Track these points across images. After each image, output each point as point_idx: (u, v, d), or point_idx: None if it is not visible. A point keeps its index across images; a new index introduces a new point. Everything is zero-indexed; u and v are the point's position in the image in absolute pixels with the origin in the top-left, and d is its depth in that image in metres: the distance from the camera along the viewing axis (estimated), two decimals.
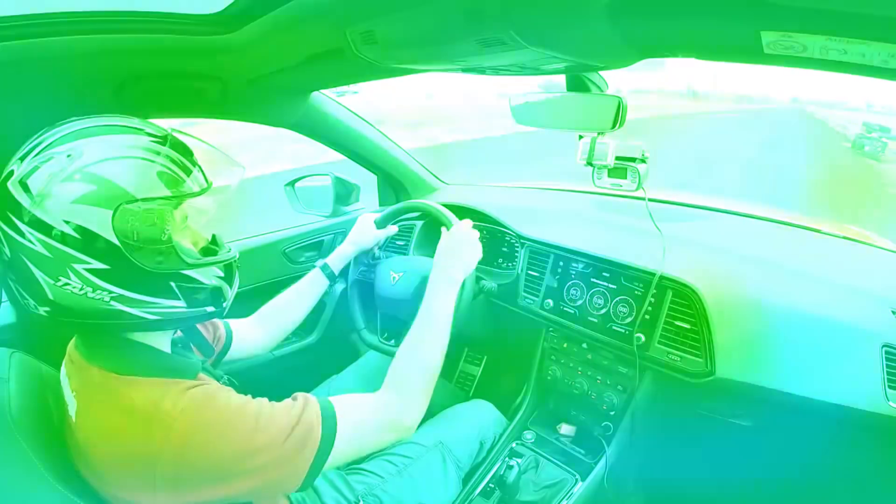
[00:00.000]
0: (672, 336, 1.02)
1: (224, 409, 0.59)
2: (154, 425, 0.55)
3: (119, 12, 0.73)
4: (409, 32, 0.66)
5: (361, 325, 1.27)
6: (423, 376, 0.79)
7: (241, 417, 0.59)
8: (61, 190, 0.53)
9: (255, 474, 0.58)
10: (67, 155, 0.54)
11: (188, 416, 0.56)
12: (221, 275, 0.66)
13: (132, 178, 0.55)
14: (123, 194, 0.54)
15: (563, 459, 1.15)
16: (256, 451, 0.58)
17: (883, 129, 14.42)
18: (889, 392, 0.86)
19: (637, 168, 1.04)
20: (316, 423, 0.63)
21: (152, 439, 0.55)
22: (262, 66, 0.94)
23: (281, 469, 0.61)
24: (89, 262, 0.54)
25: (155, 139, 0.59)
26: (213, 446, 0.57)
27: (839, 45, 0.51)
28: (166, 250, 0.58)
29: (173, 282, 0.60)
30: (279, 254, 1.55)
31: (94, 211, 0.53)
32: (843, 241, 1.23)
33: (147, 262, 0.57)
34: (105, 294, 0.56)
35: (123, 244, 0.55)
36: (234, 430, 0.58)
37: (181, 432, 0.55)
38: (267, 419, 0.60)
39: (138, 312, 0.59)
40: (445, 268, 0.95)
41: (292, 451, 0.61)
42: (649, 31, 0.65)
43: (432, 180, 1.78)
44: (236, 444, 0.58)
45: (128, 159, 0.56)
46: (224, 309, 0.69)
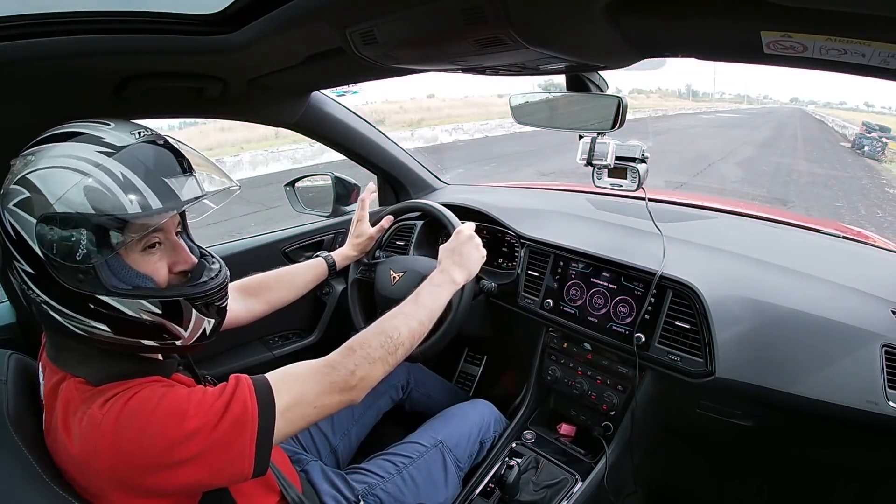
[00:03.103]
0: (672, 336, 1.02)
1: (146, 401, 0.56)
2: (91, 428, 0.54)
3: (119, 12, 0.73)
4: (409, 32, 0.66)
5: (361, 325, 1.27)
6: (383, 345, 0.74)
7: (168, 407, 0.56)
8: (10, 191, 0.55)
9: (195, 462, 0.55)
10: (29, 157, 0.55)
11: (111, 415, 0.54)
12: (156, 311, 0.59)
13: (57, 190, 0.53)
14: (45, 206, 0.53)
15: (563, 459, 1.15)
16: (187, 437, 0.55)
17: (883, 129, 14.43)
18: (889, 392, 0.86)
19: (637, 168, 1.04)
20: (250, 401, 0.59)
21: (87, 444, 0.54)
22: (262, 66, 0.94)
23: (222, 452, 0.57)
24: (22, 263, 0.55)
25: (106, 150, 0.55)
26: (140, 439, 0.54)
27: (839, 45, 0.50)
28: (86, 270, 0.55)
29: (92, 304, 0.56)
30: (279, 254, 1.55)
31: (24, 217, 0.54)
32: (843, 241, 1.23)
33: (66, 279, 0.55)
34: (37, 297, 0.57)
35: (44, 255, 0.54)
36: (161, 421, 0.55)
37: (108, 432, 0.53)
38: (195, 404, 0.57)
39: (66, 323, 0.57)
40: (447, 269, 0.95)
41: (229, 432, 0.57)
42: (649, 30, 0.65)
43: (432, 180, 1.78)
44: (165, 435, 0.54)
45: (61, 170, 0.54)
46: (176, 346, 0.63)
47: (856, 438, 0.96)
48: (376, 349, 0.73)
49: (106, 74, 0.83)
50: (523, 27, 0.57)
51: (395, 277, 1.19)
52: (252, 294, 1.02)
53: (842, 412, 0.87)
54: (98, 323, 0.57)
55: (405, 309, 0.83)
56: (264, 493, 0.74)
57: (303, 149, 11.72)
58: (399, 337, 0.77)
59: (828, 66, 0.57)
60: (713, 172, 9.46)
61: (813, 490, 1.20)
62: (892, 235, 1.27)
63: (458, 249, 0.98)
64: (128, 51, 0.76)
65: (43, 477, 0.56)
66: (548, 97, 1.02)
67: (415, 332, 0.81)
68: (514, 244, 1.36)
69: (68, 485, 0.58)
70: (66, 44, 0.71)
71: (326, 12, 0.67)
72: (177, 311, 0.61)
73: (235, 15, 0.75)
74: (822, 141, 16.17)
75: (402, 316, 0.81)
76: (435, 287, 0.91)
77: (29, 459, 0.57)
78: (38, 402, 0.66)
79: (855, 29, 0.47)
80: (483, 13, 0.56)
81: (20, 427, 0.60)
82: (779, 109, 38.99)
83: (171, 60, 0.84)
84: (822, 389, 0.89)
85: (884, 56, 0.50)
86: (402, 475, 0.99)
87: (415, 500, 0.98)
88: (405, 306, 0.84)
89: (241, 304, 0.99)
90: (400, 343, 0.77)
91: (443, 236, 1.50)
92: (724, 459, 1.30)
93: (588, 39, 0.66)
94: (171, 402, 0.56)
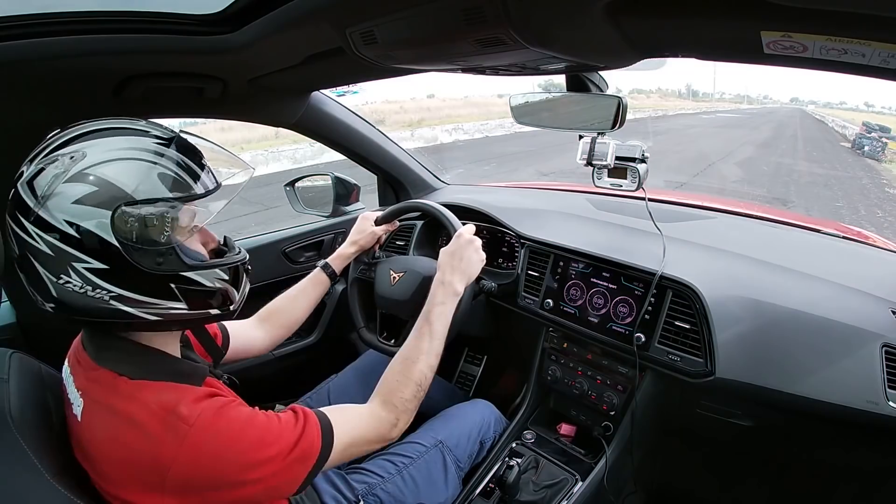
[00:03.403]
0: (672, 336, 1.02)
1: (236, 420, 0.61)
2: (169, 431, 0.56)
3: (119, 12, 0.73)
4: (409, 32, 0.66)
5: (361, 324, 1.27)
6: (414, 393, 0.82)
7: (251, 430, 0.61)
8: (63, 190, 0.54)
9: (258, 483, 0.60)
10: (70, 157, 0.55)
11: (203, 424, 0.58)
12: (226, 278, 0.66)
13: (132, 180, 0.56)
14: (123, 196, 0.55)
15: (563, 459, 1.15)
16: (262, 462, 0.60)
17: (883, 129, 14.44)
18: (889, 392, 0.86)
19: (637, 168, 1.04)
20: (316, 439, 0.66)
21: (166, 445, 0.56)
22: (262, 66, 0.94)
23: (281, 479, 0.63)
24: (89, 261, 0.55)
25: (159, 141, 0.59)
26: (224, 455, 0.58)
27: (839, 45, 0.51)
28: (166, 252, 0.59)
29: (173, 283, 0.60)
30: (279, 254, 1.55)
31: (93, 211, 0.54)
32: (843, 241, 1.23)
33: (146, 264, 0.57)
34: (104, 293, 0.57)
35: (122, 245, 0.55)
36: (244, 442, 0.60)
37: (196, 440, 0.57)
38: (275, 434, 0.63)
39: (138, 312, 0.59)
40: (447, 278, 0.95)
41: (294, 463, 0.63)
42: (649, 30, 0.65)
43: (432, 180, 1.78)
44: (245, 456, 0.60)
45: (129, 161, 0.56)
46: (231, 311, 0.69)
47: (856, 438, 0.96)
48: (411, 400, 0.81)
49: (106, 74, 0.83)
50: (523, 27, 0.57)
51: (395, 277, 1.19)
52: (267, 320, 1.05)
53: (842, 412, 0.87)
54: (174, 302, 0.61)
55: (423, 346, 0.87)
56: None
57: (303, 149, 11.72)
58: (426, 381, 0.84)
59: (828, 66, 0.57)
60: (713, 172, 9.46)
61: (813, 490, 1.20)
62: (892, 235, 1.27)
63: (458, 253, 0.98)
64: (128, 51, 0.76)
65: (45, 475, 0.56)
66: (548, 97, 1.02)
67: (434, 367, 0.87)
68: (514, 244, 1.36)
69: (71, 482, 0.58)
70: (66, 44, 0.71)
71: (326, 12, 0.67)
72: (236, 276, 0.68)
73: (235, 15, 0.75)
74: (822, 141, 16.17)
75: (423, 357, 0.86)
76: (441, 306, 0.92)
77: (31, 457, 0.57)
78: (42, 400, 0.66)
79: (855, 29, 0.47)
80: (483, 13, 0.56)
81: (22, 425, 0.60)
82: (779, 109, 39.00)
83: (171, 60, 0.84)
84: (822, 389, 0.89)
85: (884, 56, 0.50)
86: (402, 475, 0.99)
87: (415, 499, 0.98)
88: (422, 342, 0.87)
89: (261, 333, 1.03)
90: (427, 387, 0.85)
91: (443, 236, 1.50)
92: (724, 459, 1.30)
93: (588, 39, 0.66)
94: (258, 426, 0.62)
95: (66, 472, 0.60)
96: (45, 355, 0.74)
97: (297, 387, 1.31)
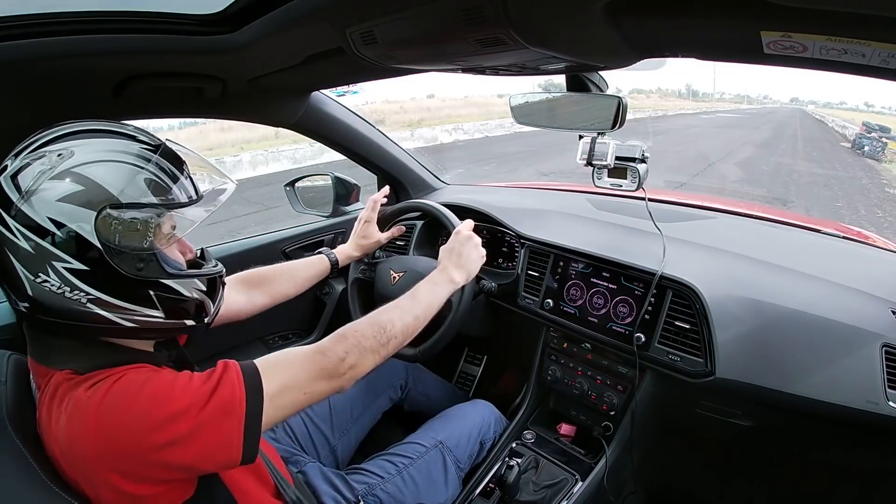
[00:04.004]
0: (672, 336, 1.02)
1: (133, 382, 0.56)
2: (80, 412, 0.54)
3: (119, 12, 0.73)
4: (409, 32, 0.66)
5: None
6: (375, 336, 0.74)
7: (149, 387, 0.56)
8: (49, 187, 0.53)
9: (180, 444, 0.55)
10: (59, 154, 0.55)
11: (95, 399, 0.54)
12: (203, 289, 0.65)
13: (119, 183, 0.55)
14: (108, 197, 0.55)
15: (563, 459, 1.15)
16: (172, 418, 0.55)
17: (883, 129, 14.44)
18: (889, 392, 0.86)
19: (637, 168, 1.04)
20: (238, 385, 0.59)
21: (82, 427, 0.54)
22: (262, 66, 0.94)
23: (209, 436, 0.56)
24: (69, 261, 0.54)
25: (147, 147, 0.59)
26: (125, 420, 0.54)
27: (839, 45, 0.51)
28: (147, 258, 0.58)
29: (152, 290, 0.60)
30: (279, 254, 1.55)
31: (78, 211, 0.54)
32: (843, 241, 1.23)
33: (127, 268, 0.57)
34: (82, 295, 0.56)
35: (104, 247, 0.55)
36: (146, 403, 0.55)
37: (92, 415, 0.54)
38: (180, 387, 0.57)
39: (114, 317, 0.58)
40: (446, 269, 0.95)
41: (216, 416, 0.57)
42: (649, 30, 0.65)
43: (432, 180, 1.78)
44: (149, 416, 0.54)
45: (117, 163, 0.56)
46: (206, 324, 0.68)
47: (856, 438, 0.96)
48: (368, 339, 0.74)
49: (106, 74, 0.83)
50: (523, 27, 0.57)
51: (395, 277, 1.19)
52: (254, 286, 1.02)
53: (842, 412, 0.87)
54: (151, 310, 0.60)
55: (401, 303, 0.84)
56: (260, 489, 0.74)
57: (303, 149, 11.72)
58: (392, 329, 0.77)
59: (828, 66, 0.57)
60: (713, 172, 9.45)
61: (813, 490, 1.19)
62: (892, 235, 1.27)
63: (457, 250, 0.98)
64: (128, 51, 0.76)
65: (42, 476, 0.56)
66: (548, 97, 1.02)
67: (409, 327, 0.81)
68: (514, 244, 1.36)
69: (66, 483, 0.58)
70: (66, 44, 0.71)
71: (326, 12, 0.67)
72: (213, 287, 0.68)
73: (235, 15, 0.75)
74: (822, 141, 16.17)
75: (396, 310, 0.82)
76: (433, 284, 0.91)
77: (28, 459, 0.57)
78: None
79: (855, 29, 0.47)
80: (483, 13, 0.56)
81: (19, 427, 0.60)
82: (779, 109, 39.00)
83: (170, 60, 0.84)
84: (822, 389, 0.89)
85: (884, 56, 0.50)
86: (402, 475, 0.99)
87: (415, 500, 0.98)
88: (401, 301, 0.85)
89: (244, 297, 0.99)
90: (393, 335, 0.77)
91: (443, 236, 1.50)
92: (724, 459, 1.30)
93: (588, 39, 0.66)
94: (157, 384, 0.56)
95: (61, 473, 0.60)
96: None
97: None
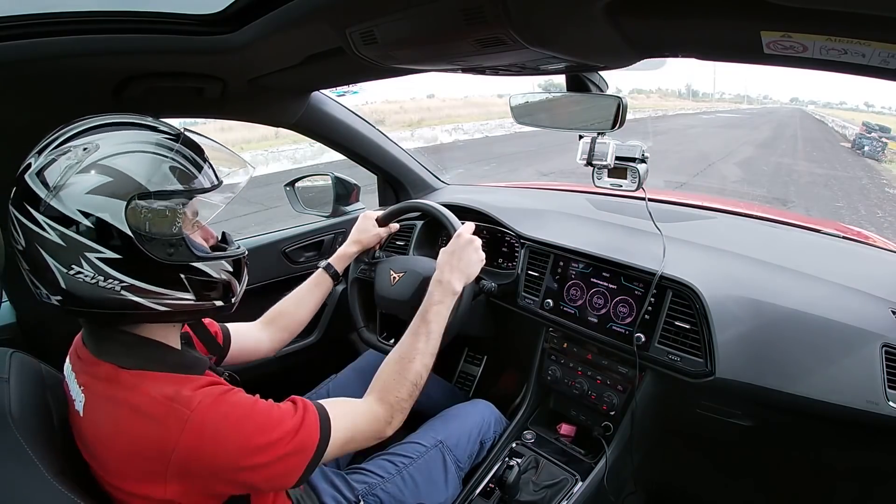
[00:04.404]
0: (672, 336, 1.02)
1: (236, 406, 0.62)
2: (170, 418, 0.57)
3: (119, 12, 0.73)
4: (409, 32, 0.66)
5: (361, 324, 1.27)
6: (410, 393, 0.81)
7: (252, 415, 0.62)
8: (77, 181, 0.55)
9: (258, 470, 0.61)
10: (84, 148, 0.56)
11: (203, 410, 0.58)
12: (230, 270, 0.68)
13: (146, 172, 0.57)
14: (137, 186, 0.56)
15: (563, 459, 1.15)
16: (263, 448, 0.61)
17: (883, 129, 14.45)
18: (889, 392, 0.86)
19: (637, 168, 1.04)
20: (315, 430, 0.66)
21: (168, 431, 0.57)
22: (262, 66, 0.94)
23: (281, 468, 0.63)
24: (102, 251, 0.56)
25: (168, 136, 0.61)
26: (225, 440, 0.59)
27: (839, 45, 0.51)
28: (177, 242, 0.60)
29: (183, 274, 0.62)
30: (279, 254, 1.55)
31: (108, 202, 0.55)
32: (843, 241, 1.23)
33: (158, 254, 0.59)
34: (116, 283, 0.57)
35: (136, 235, 0.57)
36: (246, 427, 0.61)
37: (196, 425, 0.57)
38: (275, 421, 0.63)
39: (147, 303, 0.60)
40: (445, 277, 0.95)
41: (294, 452, 0.64)
42: (649, 30, 0.65)
43: (432, 180, 1.78)
44: (247, 440, 0.60)
45: (142, 153, 0.58)
46: (233, 304, 0.71)
47: (856, 438, 0.96)
48: (407, 399, 0.81)
49: (106, 74, 0.83)
50: (523, 27, 0.57)
51: (395, 278, 1.19)
52: (272, 323, 1.06)
53: (842, 412, 0.87)
54: (182, 293, 0.62)
55: (419, 345, 0.86)
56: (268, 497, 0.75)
57: (303, 149, 11.72)
58: (421, 381, 0.84)
59: (828, 66, 0.57)
60: (713, 172, 9.45)
61: (813, 490, 1.19)
62: (892, 235, 1.27)
63: (457, 253, 0.98)
64: (128, 51, 0.76)
65: (45, 474, 0.56)
66: (548, 97, 1.02)
67: (429, 366, 0.87)
68: (514, 244, 1.36)
69: (71, 481, 0.58)
70: (66, 44, 0.71)
71: (326, 12, 0.67)
72: (238, 268, 0.71)
73: (235, 15, 0.75)
74: (821, 141, 16.17)
75: (419, 356, 0.85)
76: (439, 305, 0.91)
77: (31, 457, 0.57)
78: (42, 399, 0.66)
79: (855, 29, 0.47)
80: (483, 13, 0.56)
81: (22, 424, 0.60)
82: (779, 109, 39.00)
83: (171, 60, 0.84)
84: (822, 389, 0.89)
85: (884, 56, 0.50)
86: (402, 475, 0.99)
87: (415, 500, 0.98)
88: (418, 341, 0.86)
89: (265, 335, 1.03)
90: (422, 385, 0.84)
91: (443, 236, 1.50)
92: (724, 459, 1.30)
93: (588, 39, 0.66)
94: (259, 412, 0.63)
95: (66, 471, 0.60)
96: (45, 355, 0.74)
97: (297, 387, 1.30)
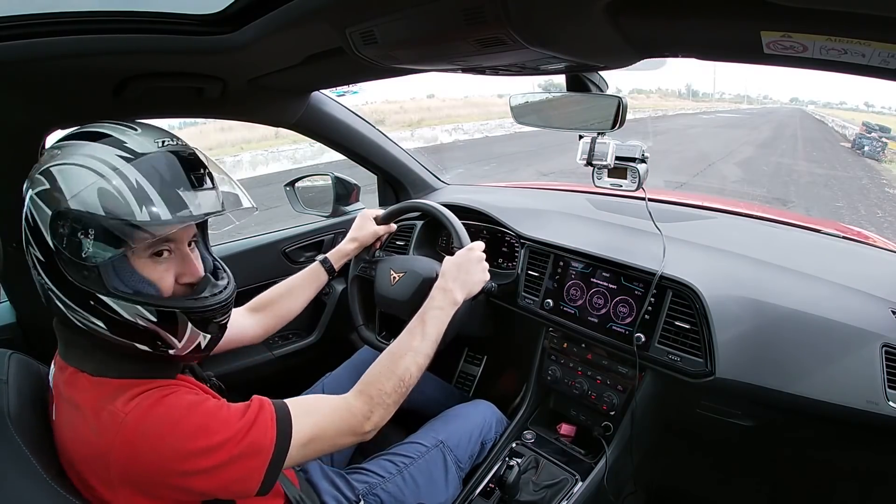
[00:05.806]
0: (672, 336, 1.02)
1: (173, 408, 0.58)
2: (106, 425, 0.56)
3: (119, 12, 0.73)
4: (409, 32, 0.66)
5: (360, 322, 1.27)
6: (395, 387, 0.78)
7: (191, 417, 0.59)
8: (34, 179, 0.57)
9: (206, 475, 0.58)
10: (55, 151, 0.58)
11: (138, 414, 0.56)
12: (152, 319, 0.59)
13: (73, 188, 0.55)
14: (61, 200, 0.55)
15: (563, 459, 1.14)
16: (205, 451, 0.58)
17: (883, 129, 14.45)
18: (889, 392, 0.86)
19: (637, 168, 1.04)
20: (269, 428, 0.63)
21: (102, 438, 0.56)
22: (262, 66, 0.94)
23: (234, 472, 0.60)
24: (35, 250, 0.58)
25: (126, 155, 0.56)
26: (158, 444, 0.56)
27: (839, 45, 0.50)
28: (90, 268, 0.56)
29: (92, 301, 0.57)
30: (279, 253, 1.55)
31: (42, 207, 0.56)
32: (843, 241, 1.23)
33: (71, 273, 0.56)
34: (45, 284, 0.59)
35: (55, 247, 0.56)
36: (180, 430, 0.57)
37: (129, 430, 0.56)
38: (220, 421, 0.60)
39: (68, 314, 0.59)
40: (449, 285, 0.95)
41: (245, 454, 0.60)
42: (649, 30, 0.65)
43: (432, 180, 1.78)
44: (184, 444, 0.57)
45: (80, 168, 0.55)
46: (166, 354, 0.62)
47: (856, 438, 0.96)
48: (390, 394, 0.77)
49: (106, 74, 0.83)
50: (523, 27, 0.57)
51: (395, 277, 1.19)
52: (259, 310, 1.04)
53: (842, 412, 0.87)
54: (97, 319, 0.58)
55: (413, 344, 0.85)
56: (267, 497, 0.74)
57: (303, 149, 11.72)
58: (410, 378, 0.81)
59: (828, 66, 0.57)
60: (713, 172, 9.45)
61: (813, 490, 1.20)
62: (892, 235, 1.27)
63: (464, 266, 0.98)
64: (128, 51, 0.76)
65: (44, 476, 0.56)
66: (548, 97, 1.02)
67: (422, 367, 0.85)
68: (514, 244, 1.36)
69: (70, 484, 0.58)
70: (66, 44, 0.71)
71: (326, 12, 0.67)
72: (172, 321, 0.61)
73: (235, 15, 0.75)
74: (821, 141, 16.16)
75: (411, 354, 0.83)
76: (439, 311, 0.91)
77: (30, 458, 0.57)
78: (40, 401, 0.66)
79: (855, 29, 0.47)
80: (483, 13, 0.56)
81: (20, 426, 0.60)
82: (779, 109, 38.99)
83: (170, 60, 0.84)
84: (822, 389, 0.89)
85: (884, 56, 0.50)
86: (402, 475, 0.99)
87: (415, 499, 0.98)
88: (413, 339, 0.85)
89: (251, 320, 1.02)
90: (410, 384, 0.82)
91: (443, 236, 1.50)
92: (724, 459, 1.30)
93: (588, 39, 0.66)
94: (199, 415, 0.59)
95: (64, 473, 0.60)
96: (45, 355, 0.74)
97: (297, 387, 1.31)
